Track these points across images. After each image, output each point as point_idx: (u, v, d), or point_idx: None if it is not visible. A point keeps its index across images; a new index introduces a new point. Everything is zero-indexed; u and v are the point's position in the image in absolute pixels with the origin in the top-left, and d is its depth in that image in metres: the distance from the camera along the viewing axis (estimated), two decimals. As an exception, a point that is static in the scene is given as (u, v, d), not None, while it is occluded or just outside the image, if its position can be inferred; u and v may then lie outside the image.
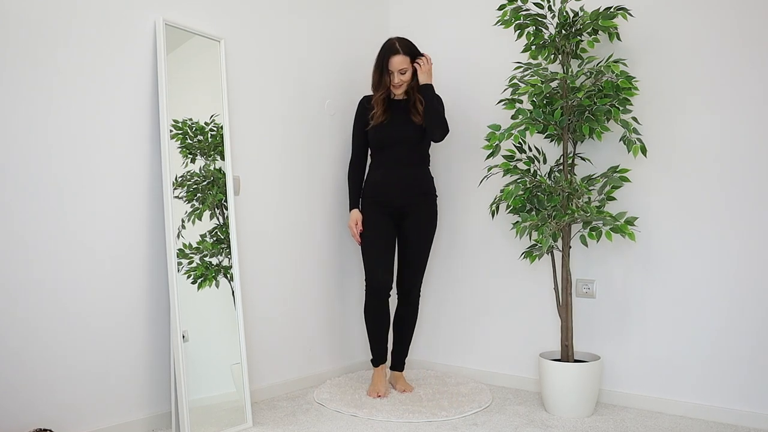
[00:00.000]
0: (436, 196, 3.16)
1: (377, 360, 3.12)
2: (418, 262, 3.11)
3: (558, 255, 2.91)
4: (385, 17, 3.69)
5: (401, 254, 3.12)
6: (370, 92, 3.14)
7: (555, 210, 2.68)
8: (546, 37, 2.80)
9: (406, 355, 3.22)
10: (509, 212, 2.83)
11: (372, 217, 3.07)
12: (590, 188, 2.75)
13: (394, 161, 3.05)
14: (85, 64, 2.34)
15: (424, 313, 3.55)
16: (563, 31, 2.74)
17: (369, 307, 3.08)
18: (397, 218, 3.08)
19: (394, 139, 3.05)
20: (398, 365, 3.20)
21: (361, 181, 3.16)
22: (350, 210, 3.14)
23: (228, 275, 2.68)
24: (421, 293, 3.19)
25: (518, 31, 2.85)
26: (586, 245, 2.81)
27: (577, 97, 2.63)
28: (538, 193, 2.76)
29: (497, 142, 2.69)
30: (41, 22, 2.22)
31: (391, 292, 3.07)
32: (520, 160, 2.86)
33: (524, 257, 2.84)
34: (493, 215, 2.93)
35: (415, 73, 3.04)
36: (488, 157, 2.76)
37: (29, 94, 2.19)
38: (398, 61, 2.99)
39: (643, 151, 2.62)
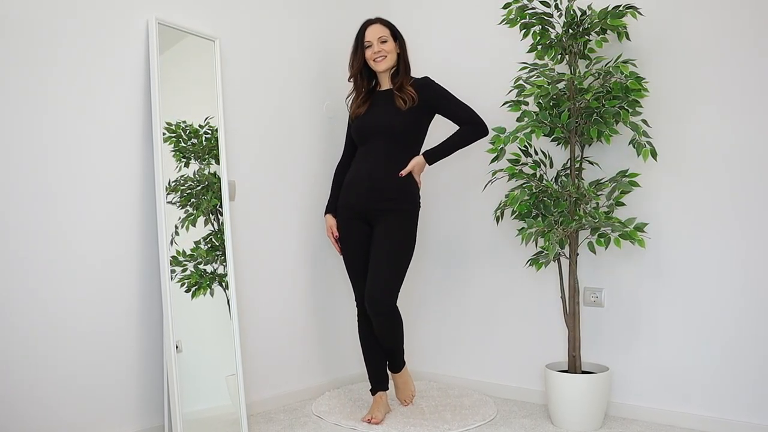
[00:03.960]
0: (415, 205, 2.80)
1: (375, 387, 2.84)
2: (383, 276, 2.68)
3: (565, 262, 2.85)
4: (385, 17, 3.62)
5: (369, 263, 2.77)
6: None
7: (562, 216, 2.63)
8: (552, 36, 2.75)
9: (401, 356, 2.87)
10: (514, 218, 2.77)
11: (344, 224, 2.82)
12: (598, 193, 2.70)
13: (365, 157, 2.77)
14: (74, 65, 2.30)
15: (426, 322, 3.49)
16: (570, 31, 2.68)
17: (360, 329, 2.85)
18: (368, 223, 2.80)
19: (370, 129, 2.77)
20: (395, 368, 2.88)
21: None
22: (324, 215, 2.94)
23: (223, 283, 2.63)
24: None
25: (524, 31, 2.79)
26: (594, 252, 2.76)
27: (584, 98, 2.58)
28: (545, 199, 2.70)
29: (502, 146, 2.64)
30: (28, 21, 2.17)
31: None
32: (526, 164, 2.81)
33: (530, 265, 2.77)
34: (497, 221, 2.87)
35: (400, 49, 2.82)
36: (493, 161, 2.71)
37: (16, 95, 2.14)
38: (375, 29, 2.79)
39: (654, 154, 2.56)
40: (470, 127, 2.81)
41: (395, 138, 2.76)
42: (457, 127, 2.84)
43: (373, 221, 2.78)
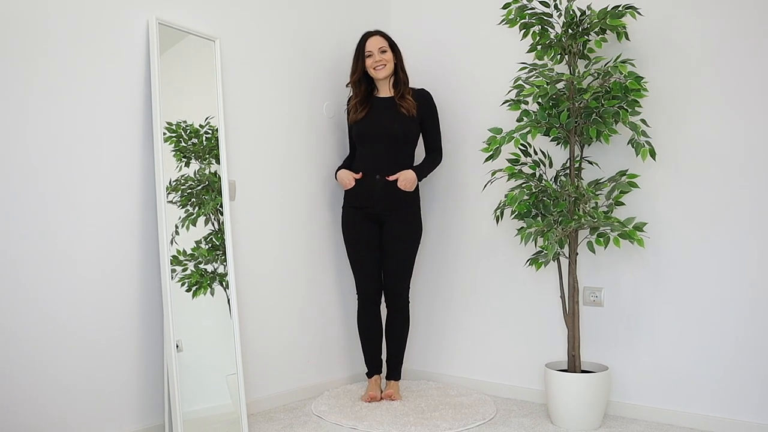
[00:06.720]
0: (419, 207, 3.12)
1: (371, 371, 3.14)
2: (401, 267, 3.07)
3: (564, 262, 2.85)
4: (386, 17, 3.62)
5: (383, 260, 3.08)
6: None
7: (561, 215, 2.63)
8: (552, 36, 2.74)
9: (402, 364, 3.17)
10: (514, 218, 2.76)
11: (351, 223, 3.08)
12: (598, 193, 2.69)
13: (373, 163, 3.01)
14: (75, 65, 2.29)
15: (425, 322, 3.48)
16: (570, 31, 2.68)
17: (360, 316, 3.13)
18: (376, 222, 3.06)
19: (375, 135, 3.02)
20: (394, 374, 3.14)
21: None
22: (337, 171, 3.10)
23: (223, 283, 2.63)
24: (410, 299, 3.17)
25: (523, 31, 2.79)
26: (594, 252, 2.75)
27: (584, 98, 2.57)
28: (544, 198, 2.70)
29: (497, 146, 2.66)
30: (27, 20, 2.16)
31: (380, 298, 3.12)
32: (525, 164, 2.80)
33: (530, 264, 2.77)
34: (497, 221, 2.87)
35: (397, 59, 3.04)
36: (486, 160, 2.73)
37: (13, 95, 2.13)
38: (375, 40, 3.02)
39: (653, 154, 2.56)
40: (436, 156, 3.15)
41: (400, 141, 3.02)
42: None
43: (383, 220, 3.04)
